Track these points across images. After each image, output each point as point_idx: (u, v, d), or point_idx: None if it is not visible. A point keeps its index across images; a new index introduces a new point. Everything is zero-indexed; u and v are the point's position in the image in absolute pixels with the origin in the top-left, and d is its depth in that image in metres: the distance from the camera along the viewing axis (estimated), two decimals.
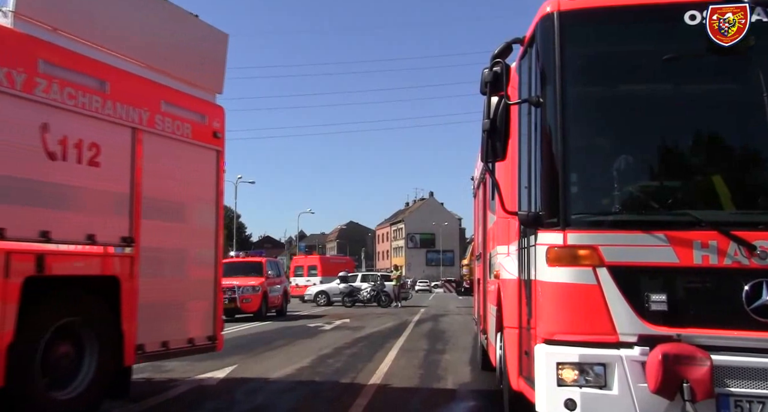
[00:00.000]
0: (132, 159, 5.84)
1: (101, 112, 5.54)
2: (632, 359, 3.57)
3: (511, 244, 5.09)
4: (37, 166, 4.96)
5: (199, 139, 6.71)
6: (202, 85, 6.96)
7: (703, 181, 3.96)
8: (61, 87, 5.17)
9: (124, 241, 5.70)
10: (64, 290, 5.26)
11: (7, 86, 4.72)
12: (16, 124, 4.81)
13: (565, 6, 3.95)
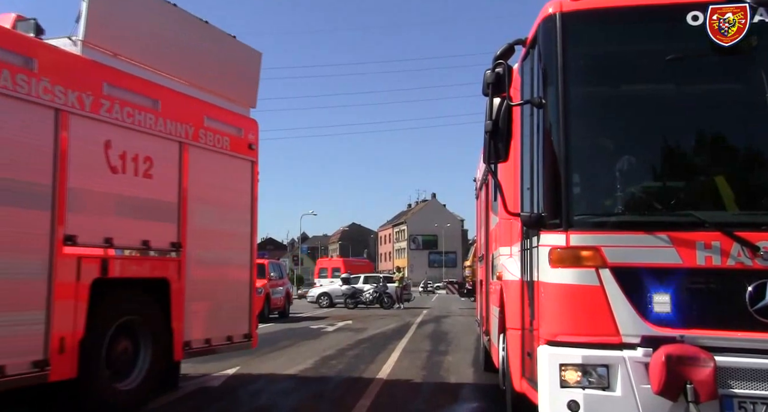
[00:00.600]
0: (179, 171, 6.44)
1: (154, 128, 6.15)
2: (635, 361, 3.57)
3: (514, 245, 5.09)
4: (101, 179, 5.56)
5: (236, 151, 7.31)
6: (238, 100, 7.53)
7: (705, 181, 3.95)
8: (121, 107, 5.78)
9: (173, 246, 6.32)
10: (123, 291, 5.82)
11: (78, 108, 5.34)
12: (85, 142, 5.40)
13: (567, 7, 3.96)
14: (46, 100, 5.11)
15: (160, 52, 6.42)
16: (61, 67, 5.32)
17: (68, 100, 5.29)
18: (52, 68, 5.19)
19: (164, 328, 6.20)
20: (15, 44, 4.99)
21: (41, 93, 5.07)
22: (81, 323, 5.23)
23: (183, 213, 6.44)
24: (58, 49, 5.44)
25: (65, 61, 5.41)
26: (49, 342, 4.99)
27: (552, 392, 3.67)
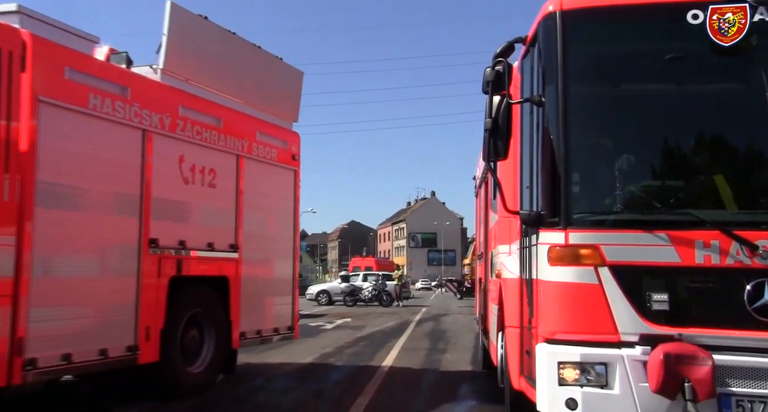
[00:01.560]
0: (236, 180, 7.30)
1: (217, 143, 7.02)
2: (634, 359, 3.57)
3: (513, 243, 5.09)
4: (176, 189, 6.43)
5: (282, 162, 8.21)
6: (283, 116, 8.44)
7: (705, 180, 3.95)
8: (192, 126, 6.65)
9: (232, 247, 7.20)
10: (193, 287, 6.67)
11: (159, 128, 6.21)
12: (163, 157, 6.25)
13: (567, 5, 3.95)
14: (136, 123, 5.96)
15: (222, 75, 7.30)
16: (147, 93, 6.14)
17: (152, 121, 6.14)
18: (141, 95, 6.02)
19: (224, 320, 7.10)
20: (115, 76, 5.88)
21: (133, 117, 5.92)
22: (162, 315, 6.15)
23: (239, 218, 7.31)
24: (145, 78, 6.29)
25: (150, 88, 6.26)
26: (138, 330, 5.88)
27: (550, 390, 3.67)
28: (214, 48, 7.20)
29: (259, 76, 7.94)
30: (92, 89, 5.50)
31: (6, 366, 4.69)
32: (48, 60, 5.15)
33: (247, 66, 7.74)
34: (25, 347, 4.82)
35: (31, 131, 4.94)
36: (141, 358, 5.90)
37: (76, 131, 5.37)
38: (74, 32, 5.74)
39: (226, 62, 7.36)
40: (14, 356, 4.74)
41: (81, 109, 5.39)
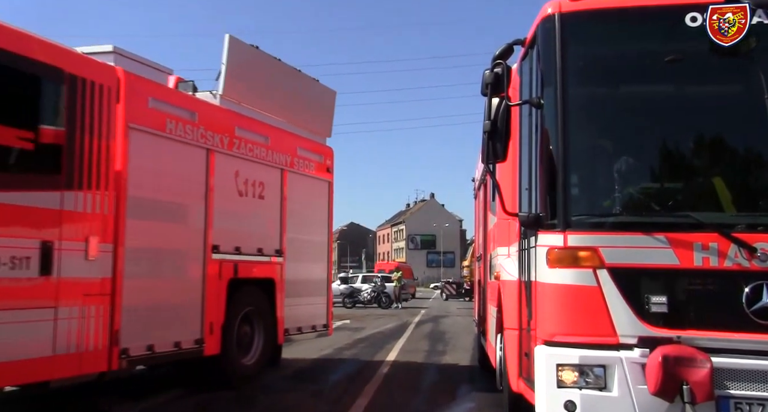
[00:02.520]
0: (281, 192, 8.14)
1: (265, 159, 7.83)
2: (632, 361, 3.57)
3: (512, 245, 5.09)
4: (232, 201, 7.22)
5: (318, 174, 9.05)
6: (318, 132, 9.32)
7: (703, 183, 3.96)
8: (245, 143, 7.46)
9: (277, 252, 8.03)
10: (246, 288, 7.41)
11: (220, 147, 7.04)
12: (223, 173, 7.06)
13: (566, 8, 3.96)
14: (202, 143, 6.78)
15: (269, 97, 8.14)
16: (210, 116, 6.95)
17: (214, 141, 6.96)
18: (205, 118, 6.84)
19: (271, 317, 7.91)
20: (186, 103, 6.73)
21: (199, 137, 6.74)
22: (222, 312, 6.93)
23: (283, 225, 8.13)
24: (208, 103, 7.16)
25: (212, 111, 7.10)
26: (203, 326, 6.67)
27: (549, 392, 3.67)
28: (263, 73, 8.11)
29: (299, 96, 8.85)
30: (169, 115, 6.36)
31: (107, 354, 5.55)
32: (136, 92, 5.96)
33: (289, 88, 8.64)
34: (120, 338, 5.65)
35: (123, 154, 5.78)
36: (206, 350, 6.68)
37: (155, 152, 6.18)
38: (153, 65, 6.63)
39: (272, 85, 8.28)
40: (113, 345, 5.60)
41: (160, 133, 6.23)
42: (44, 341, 4.99)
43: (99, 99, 5.57)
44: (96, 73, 5.58)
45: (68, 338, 5.18)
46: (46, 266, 5.00)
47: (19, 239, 4.84)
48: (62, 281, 5.13)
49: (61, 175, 5.19)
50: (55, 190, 5.13)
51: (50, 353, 5.02)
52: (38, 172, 5.07)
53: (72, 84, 5.31)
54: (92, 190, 5.46)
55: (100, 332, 5.48)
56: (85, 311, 5.36)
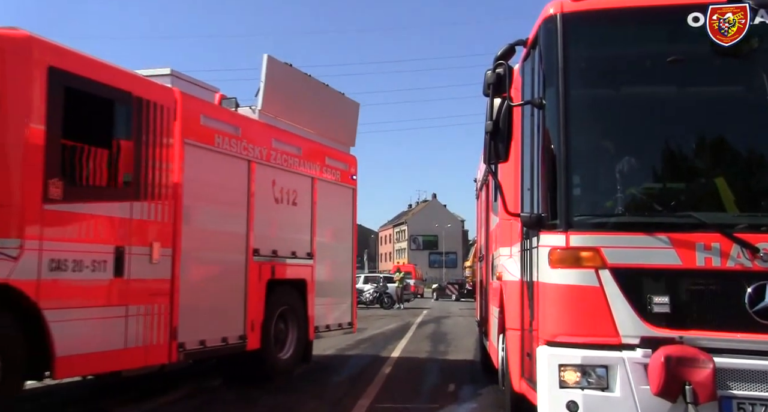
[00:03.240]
0: (311, 199, 8.72)
1: (298, 168, 8.43)
2: (634, 361, 3.57)
3: (514, 245, 5.09)
4: (270, 208, 7.81)
5: (344, 182, 9.66)
6: (344, 142, 9.93)
7: (705, 183, 3.96)
8: (281, 154, 8.07)
9: (308, 255, 8.61)
10: (282, 288, 7.99)
11: (259, 158, 7.61)
12: (261, 182, 7.65)
13: (568, 8, 3.96)
14: (244, 155, 7.35)
15: (300, 110, 8.70)
16: (251, 130, 7.54)
17: (255, 153, 7.52)
18: (247, 132, 7.43)
19: (303, 316, 8.49)
20: (231, 119, 7.34)
21: (242, 150, 7.31)
22: (261, 311, 7.52)
23: (313, 230, 8.72)
24: (248, 118, 7.75)
25: (252, 125, 7.68)
26: (246, 323, 7.23)
27: (551, 392, 3.67)
28: (296, 89, 8.67)
29: (326, 109, 9.45)
30: (217, 131, 6.96)
31: (167, 348, 6.15)
32: (190, 111, 6.58)
33: (318, 101, 9.22)
34: (178, 334, 6.25)
35: (179, 167, 6.39)
36: (248, 345, 7.25)
37: (205, 164, 6.79)
38: (201, 85, 7.30)
39: (303, 100, 8.82)
40: (172, 340, 6.20)
41: (210, 147, 6.84)
42: (118, 336, 5.66)
43: (160, 118, 6.21)
44: (158, 95, 6.22)
45: (136, 333, 5.83)
46: (119, 269, 5.67)
47: (98, 245, 5.51)
48: (132, 282, 5.78)
49: (130, 188, 5.86)
50: (126, 200, 5.81)
51: (122, 346, 5.68)
52: (113, 185, 5.71)
53: (139, 106, 5.96)
54: (155, 200, 6.12)
55: (162, 328, 6.12)
56: (150, 309, 6.01)
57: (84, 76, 5.44)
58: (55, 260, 5.08)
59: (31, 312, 4.88)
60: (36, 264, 4.94)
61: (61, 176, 5.16)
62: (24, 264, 4.85)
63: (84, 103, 5.39)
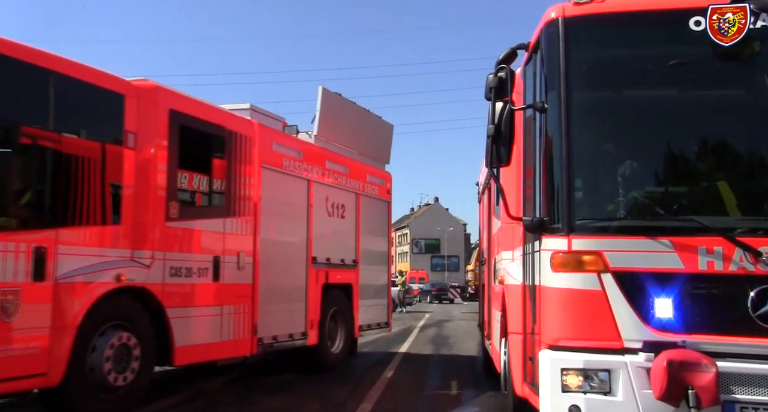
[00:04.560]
0: (356, 212, 9.88)
1: (345, 185, 9.61)
2: (637, 365, 3.57)
3: (516, 249, 5.09)
4: (324, 221, 8.98)
5: (381, 196, 10.92)
6: (380, 160, 11.28)
7: (708, 186, 3.95)
8: (332, 173, 9.27)
9: (354, 262, 9.79)
10: (334, 291, 9.13)
11: (316, 177, 8.82)
12: (318, 198, 8.84)
13: (569, 12, 3.97)
14: (304, 175, 8.56)
15: (347, 133, 9.90)
16: (309, 153, 8.77)
17: (313, 173, 8.75)
18: (307, 155, 8.67)
19: (350, 315, 9.64)
20: (295, 144, 8.60)
21: (303, 171, 8.54)
22: (318, 311, 8.70)
23: (358, 239, 9.89)
24: (307, 143, 8.98)
25: (311, 149, 8.90)
26: (306, 321, 8.41)
27: (553, 396, 3.67)
28: (343, 115, 9.95)
29: (367, 131, 10.76)
30: (284, 155, 8.17)
31: (250, 341, 7.31)
32: (265, 139, 7.78)
33: (360, 125, 10.50)
34: (257, 330, 7.41)
35: (257, 187, 7.55)
36: (308, 341, 8.44)
37: (276, 184, 7.91)
38: (271, 115, 8.47)
39: (349, 124, 10.04)
40: (253, 335, 7.35)
41: (279, 169, 8.03)
42: (216, 330, 6.83)
43: (245, 147, 7.39)
44: (242, 127, 7.42)
45: (228, 329, 6.98)
46: (217, 275, 6.85)
47: (202, 255, 6.73)
48: (225, 286, 6.97)
49: (224, 207, 7.05)
50: (221, 217, 6.98)
51: (219, 339, 6.86)
52: (213, 205, 6.92)
53: (230, 137, 7.17)
54: (240, 217, 7.27)
55: (246, 325, 7.25)
56: (238, 308, 7.16)
57: (192, 115, 6.65)
58: (173, 267, 6.32)
59: (157, 310, 6.11)
60: (161, 271, 6.17)
61: (177, 199, 6.39)
62: (154, 271, 6.09)
63: (191, 137, 6.56)
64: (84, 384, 5.41)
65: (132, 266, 5.88)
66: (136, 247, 5.97)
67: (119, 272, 5.71)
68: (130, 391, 5.82)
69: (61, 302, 5.20)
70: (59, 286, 5.20)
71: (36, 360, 5.01)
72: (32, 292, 4.99)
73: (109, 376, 5.59)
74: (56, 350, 5.13)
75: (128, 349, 5.80)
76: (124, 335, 5.77)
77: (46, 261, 5.09)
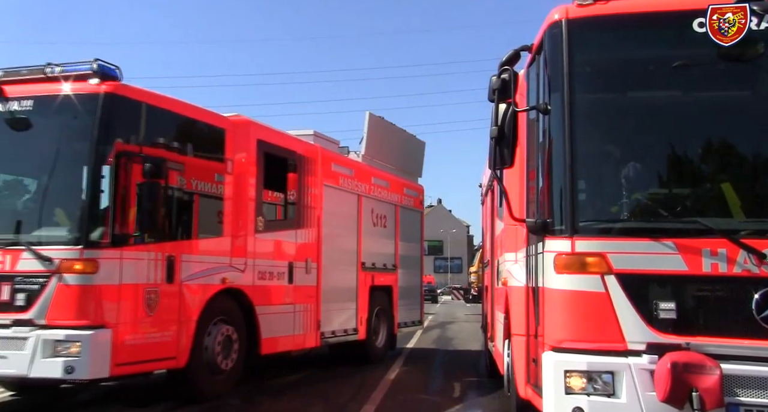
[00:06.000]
0: (395, 222, 11.24)
1: (386, 198, 10.95)
2: (640, 368, 3.56)
3: (519, 251, 5.08)
4: (370, 230, 10.32)
5: (415, 207, 12.30)
6: (414, 174, 12.66)
7: (711, 188, 3.94)
8: (377, 188, 10.61)
9: (393, 266, 11.11)
10: (378, 293, 10.42)
11: (364, 192, 10.18)
12: (365, 210, 10.18)
13: (573, 14, 3.97)
14: (355, 191, 9.93)
15: (388, 152, 11.31)
16: (359, 171, 10.14)
17: (362, 189, 10.11)
18: (357, 173, 10.05)
19: (390, 314, 10.93)
20: (348, 164, 10.01)
21: (354, 187, 9.90)
22: (366, 309, 10.01)
23: (396, 246, 11.22)
24: (357, 162, 10.36)
25: (360, 167, 10.26)
26: (357, 318, 9.74)
27: (557, 398, 3.66)
28: (385, 136, 11.33)
29: (404, 149, 12.14)
30: (341, 174, 9.53)
31: (314, 335, 8.63)
32: (326, 161, 9.13)
33: (398, 144, 11.90)
34: (321, 325, 8.76)
35: (320, 203, 8.87)
36: (359, 336, 9.76)
37: (334, 199, 9.19)
38: (329, 139, 9.96)
39: (389, 143, 11.44)
40: (317, 329, 8.70)
41: (336, 186, 9.35)
42: (290, 325, 8.13)
43: (310, 168, 8.71)
44: (309, 151, 8.75)
45: (299, 324, 8.30)
46: (291, 278, 8.16)
47: (280, 261, 8.02)
48: (297, 288, 8.30)
49: (295, 219, 8.37)
50: (293, 229, 8.32)
51: (293, 332, 8.18)
52: (287, 219, 8.24)
53: (300, 161, 8.48)
54: (307, 228, 8.59)
55: (312, 320, 8.58)
56: (306, 306, 8.46)
57: (272, 142, 7.93)
58: (260, 271, 7.55)
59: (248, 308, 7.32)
60: (252, 274, 7.40)
61: (263, 214, 7.66)
62: (246, 274, 7.31)
63: (272, 162, 7.84)
64: (202, 367, 6.66)
65: (232, 271, 7.11)
66: (234, 255, 7.18)
67: (224, 276, 6.97)
68: (232, 373, 7.11)
69: (185, 299, 6.47)
70: (184, 287, 6.47)
71: (168, 346, 6.28)
72: (166, 291, 6.27)
73: (218, 361, 6.84)
74: (182, 338, 6.39)
75: (230, 339, 7.05)
76: (227, 327, 7.01)
77: (174, 267, 6.35)
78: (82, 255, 5.61)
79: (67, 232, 5.77)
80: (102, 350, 5.57)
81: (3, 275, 5.70)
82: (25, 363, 5.48)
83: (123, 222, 5.84)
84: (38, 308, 5.59)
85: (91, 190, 5.77)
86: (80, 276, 5.58)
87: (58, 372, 5.42)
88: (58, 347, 5.46)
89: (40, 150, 6.16)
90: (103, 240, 5.70)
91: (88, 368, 5.47)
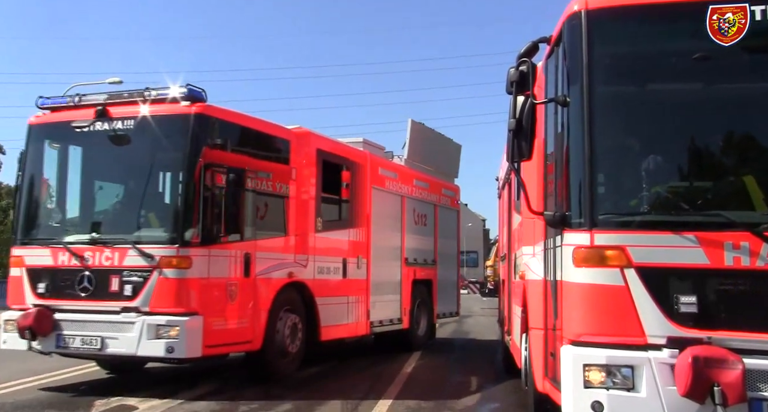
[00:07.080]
0: (434, 220, 12.02)
1: (426, 198, 11.77)
2: (661, 362, 3.53)
3: (537, 244, 5.06)
4: (412, 228, 11.15)
5: (452, 206, 13.07)
6: (451, 175, 13.62)
7: (734, 181, 3.88)
8: (418, 189, 11.45)
9: (433, 262, 11.88)
10: (419, 286, 11.27)
11: (407, 193, 11.04)
12: (408, 209, 11.02)
13: (592, 4, 3.92)
14: (399, 192, 10.79)
15: (427, 155, 12.19)
16: (402, 174, 11.02)
17: (404, 190, 10.95)
18: (401, 176, 10.91)
19: (430, 305, 11.76)
20: (392, 167, 10.87)
21: (398, 189, 10.76)
22: (409, 301, 10.87)
23: (435, 242, 12.00)
24: (400, 166, 11.28)
25: (403, 171, 11.17)
26: (402, 309, 10.61)
27: (575, 392, 3.64)
28: (425, 140, 12.24)
29: (442, 152, 13.06)
30: (386, 177, 10.42)
31: (365, 324, 9.55)
32: (374, 165, 10.04)
33: (437, 147, 12.80)
34: (370, 315, 9.67)
35: (369, 204, 9.75)
36: (403, 325, 10.62)
37: (380, 200, 10.08)
38: (375, 145, 10.76)
39: (429, 147, 12.33)
40: (367, 319, 9.61)
41: (383, 189, 10.24)
42: (344, 315, 9.05)
43: (360, 172, 9.57)
44: (360, 158, 9.68)
45: (352, 314, 9.21)
46: (344, 272, 9.05)
47: (335, 257, 8.90)
48: (350, 281, 9.18)
49: (348, 220, 9.25)
50: (346, 228, 9.21)
51: (346, 322, 9.09)
52: (342, 219, 9.09)
53: (352, 166, 9.35)
54: (358, 227, 9.47)
55: (362, 311, 9.49)
56: (357, 298, 9.38)
57: (329, 151, 8.86)
58: (319, 266, 8.44)
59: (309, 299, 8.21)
60: (313, 269, 8.31)
61: (321, 215, 8.53)
62: (308, 269, 8.22)
63: (329, 168, 8.74)
64: (274, 350, 7.54)
65: (296, 266, 8.00)
66: (298, 252, 8.06)
67: (290, 271, 7.89)
68: (296, 357, 8.02)
69: (259, 291, 7.34)
70: (257, 280, 7.35)
71: (246, 331, 7.14)
72: (244, 284, 7.15)
73: (286, 345, 7.74)
74: (256, 325, 7.26)
75: (296, 326, 7.95)
76: (293, 316, 7.90)
77: (250, 263, 7.23)
78: (178, 253, 6.54)
79: (164, 233, 6.72)
80: (196, 333, 6.47)
81: (113, 269, 6.67)
82: (133, 344, 6.43)
83: (210, 224, 6.72)
84: (143, 297, 6.52)
85: (184, 197, 6.72)
86: (177, 270, 6.52)
87: (161, 352, 6.38)
88: (160, 330, 6.38)
89: (139, 162, 7.17)
90: (194, 240, 6.61)
91: (185, 349, 6.40)
